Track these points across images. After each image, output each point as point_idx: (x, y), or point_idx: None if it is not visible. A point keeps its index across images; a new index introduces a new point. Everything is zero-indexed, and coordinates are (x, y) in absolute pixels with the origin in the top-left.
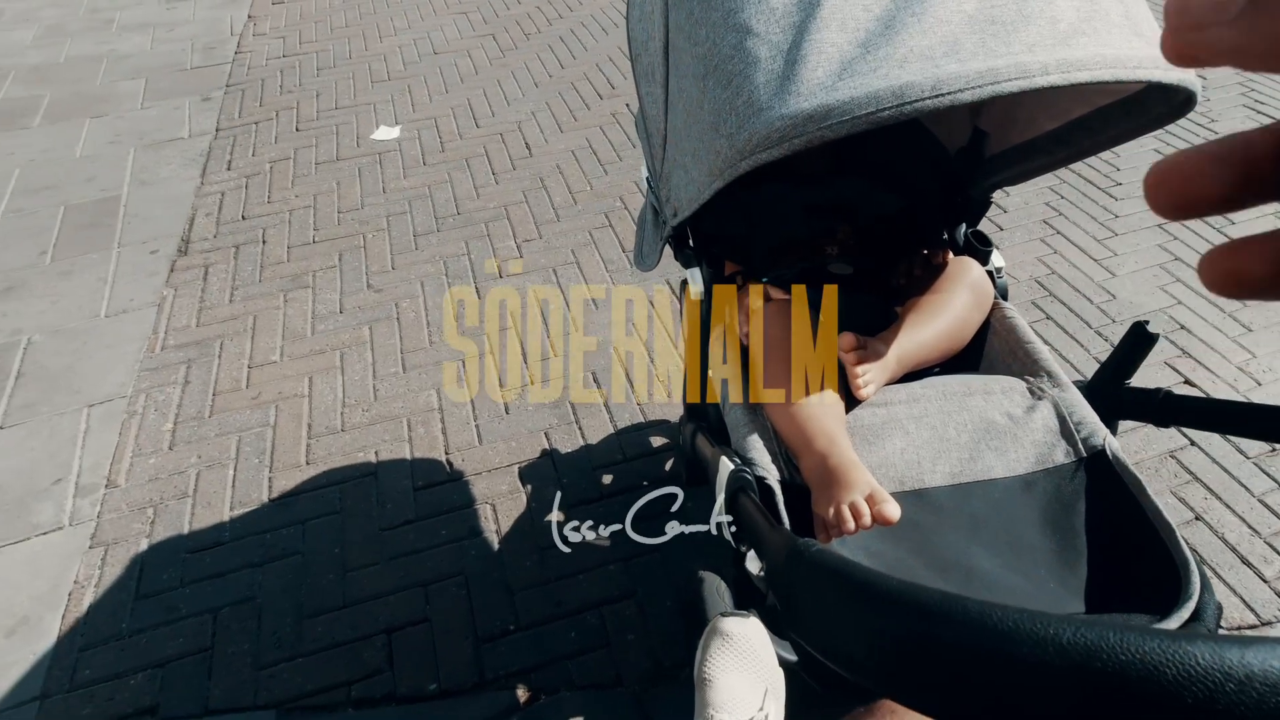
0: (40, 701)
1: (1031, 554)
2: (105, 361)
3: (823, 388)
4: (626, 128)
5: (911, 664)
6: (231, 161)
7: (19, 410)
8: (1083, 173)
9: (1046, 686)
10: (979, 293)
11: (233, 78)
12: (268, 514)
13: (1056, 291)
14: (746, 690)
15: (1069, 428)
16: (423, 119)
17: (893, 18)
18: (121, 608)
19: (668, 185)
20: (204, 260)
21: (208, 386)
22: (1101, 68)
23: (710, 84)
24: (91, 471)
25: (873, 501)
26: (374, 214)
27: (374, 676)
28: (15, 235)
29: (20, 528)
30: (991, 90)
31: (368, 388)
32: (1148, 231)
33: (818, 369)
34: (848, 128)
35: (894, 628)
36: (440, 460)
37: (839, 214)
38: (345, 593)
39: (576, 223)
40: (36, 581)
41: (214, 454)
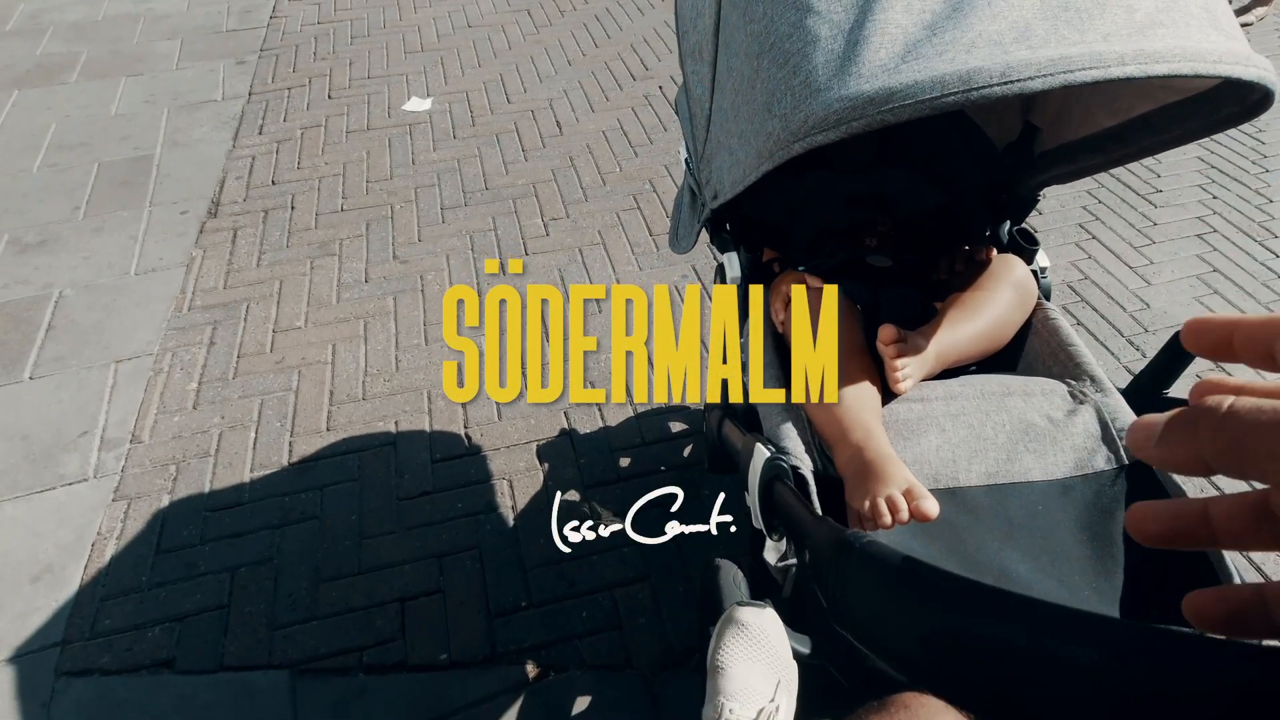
0: (61, 648)
1: (1067, 560)
2: (134, 319)
3: (860, 379)
4: (659, 110)
5: (967, 664)
6: (263, 126)
7: (49, 362)
8: (1122, 178)
9: (1120, 696)
10: (1022, 292)
11: (267, 42)
12: (287, 477)
13: (1088, 297)
14: (759, 681)
15: (1111, 434)
16: (454, 92)
17: (961, 1)
18: (142, 561)
19: (709, 167)
20: (233, 223)
21: (233, 348)
22: (1181, 60)
23: (765, 62)
24: (117, 426)
25: (910, 497)
26: (402, 185)
27: (386, 644)
28: (50, 190)
29: (47, 477)
30: (1064, 79)
31: (390, 358)
32: (1187, 241)
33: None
34: (909, 112)
35: (951, 626)
36: (459, 434)
37: (880, 206)
38: (361, 560)
39: (605, 204)
40: (61, 531)
41: (237, 415)
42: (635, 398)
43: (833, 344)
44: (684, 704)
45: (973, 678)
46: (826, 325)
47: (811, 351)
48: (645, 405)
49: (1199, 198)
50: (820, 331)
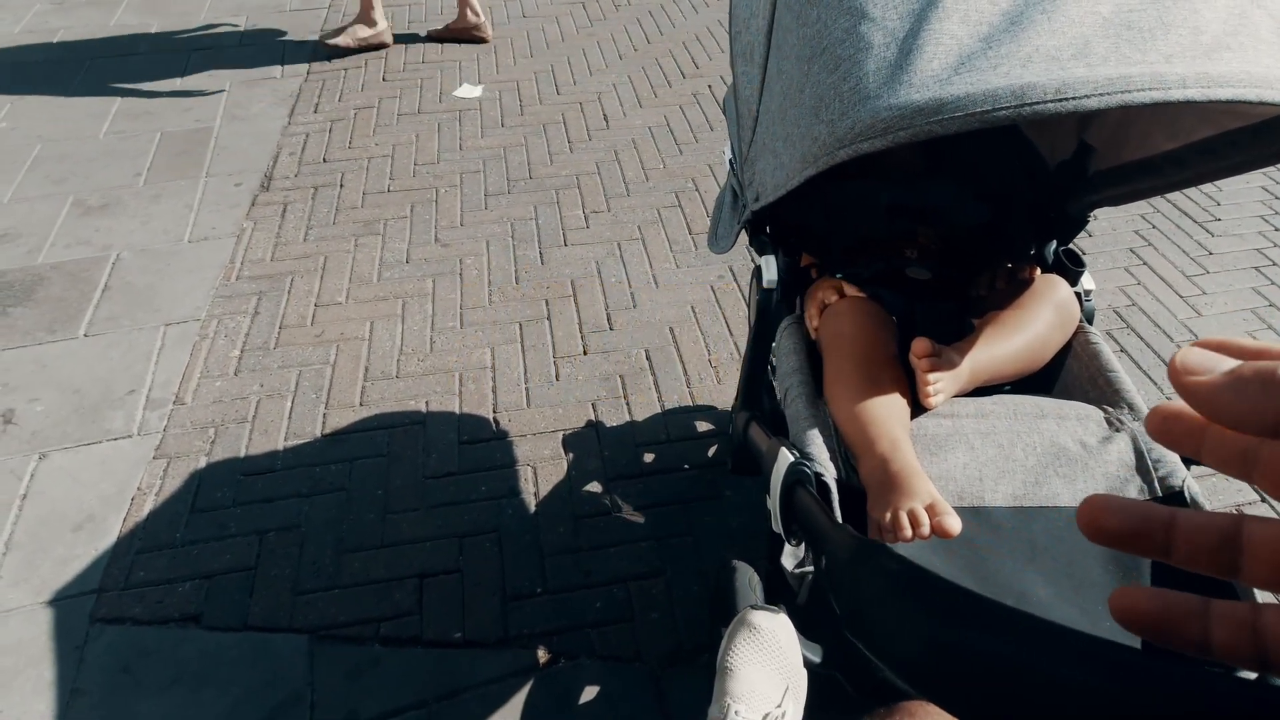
0: (97, 595)
1: (1090, 588)
2: (185, 284)
3: (891, 390)
4: (706, 109)
5: (980, 679)
6: (319, 105)
7: (103, 321)
8: (1179, 203)
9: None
10: (1064, 314)
11: (328, 23)
12: (319, 448)
13: (1135, 324)
14: (767, 685)
15: (1146, 464)
16: (505, 80)
17: (1020, 14)
18: (177, 518)
19: (753, 169)
20: (284, 198)
21: (275, 319)
22: (1246, 86)
23: (816, 67)
24: (162, 387)
25: (933, 512)
26: (449, 170)
27: (404, 617)
28: (115, 156)
29: (94, 431)
30: (1121, 99)
31: (425, 338)
32: (1243, 273)
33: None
34: (959, 125)
35: (959, 639)
36: (488, 418)
37: (923, 217)
38: (384, 533)
39: (646, 199)
40: (104, 484)
41: (275, 384)
42: (664, 397)
43: (879, 344)
44: (690, 701)
45: (977, 693)
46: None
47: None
48: (674, 404)
49: (1259, 228)
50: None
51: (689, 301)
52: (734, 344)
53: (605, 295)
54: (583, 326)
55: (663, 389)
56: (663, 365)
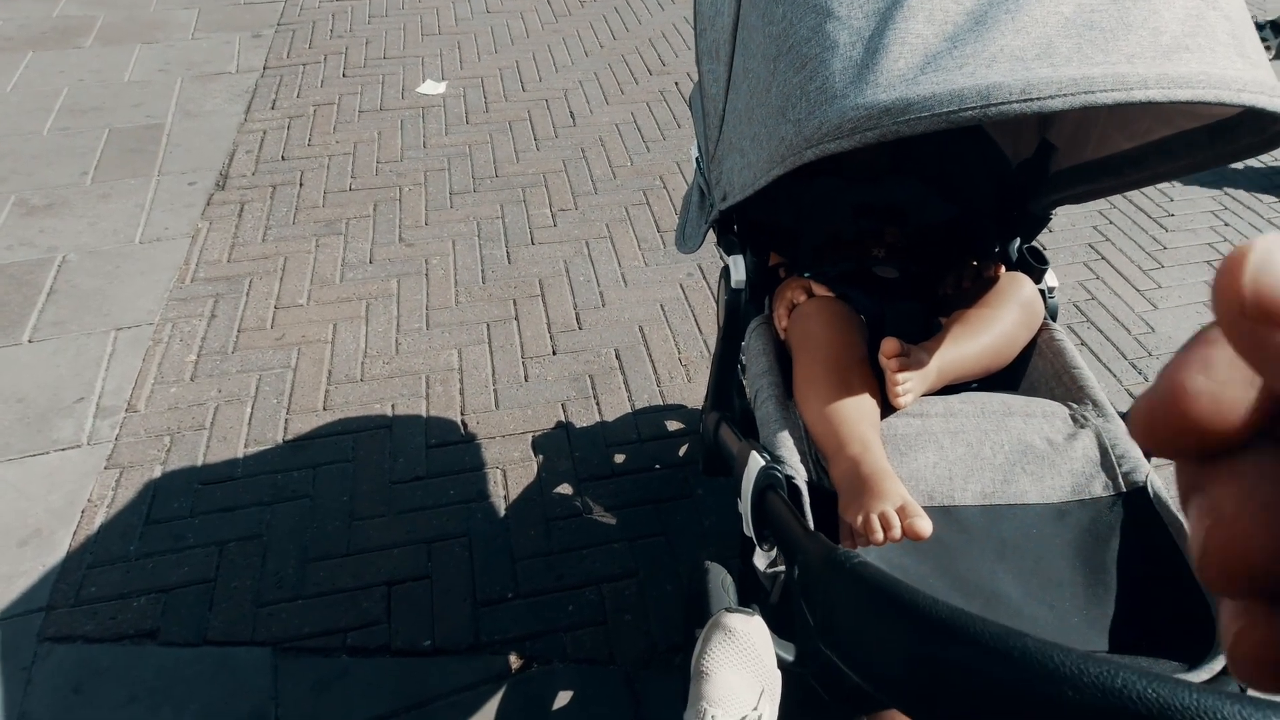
0: (45, 612)
1: (1059, 585)
2: (136, 287)
3: (861, 391)
4: (673, 106)
5: (952, 692)
6: (276, 101)
7: (48, 326)
8: (1135, 200)
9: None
10: (1029, 311)
11: (284, 17)
12: (281, 455)
13: (1094, 317)
14: (743, 688)
15: (1110, 460)
16: (469, 77)
17: (984, 14)
18: (131, 530)
19: (720, 168)
20: (240, 197)
21: (233, 322)
22: (1205, 87)
23: (782, 66)
24: (113, 394)
25: (904, 514)
26: (412, 168)
27: (371, 626)
28: (60, 153)
29: (40, 441)
30: (1085, 100)
31: (390, 340)
32: (1196, 267)
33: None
34: (925, 125)
35: (939, 654)
36: (455, 420)
37: (889, 216)
38: (350, 541)
39: (614, 197)
40: (52, 496)
41: (234, 390)
42: (634, 397)
43: (848, 345)
44: (664, 704)
45: (953, 707)
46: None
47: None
48: (644, 404)
49: (1211, 224)
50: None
51: (658, 300)
52: (704, 342)
53: (574, 294)
54: (551, 326)
55: (633, 388)
56: (633, 364)
